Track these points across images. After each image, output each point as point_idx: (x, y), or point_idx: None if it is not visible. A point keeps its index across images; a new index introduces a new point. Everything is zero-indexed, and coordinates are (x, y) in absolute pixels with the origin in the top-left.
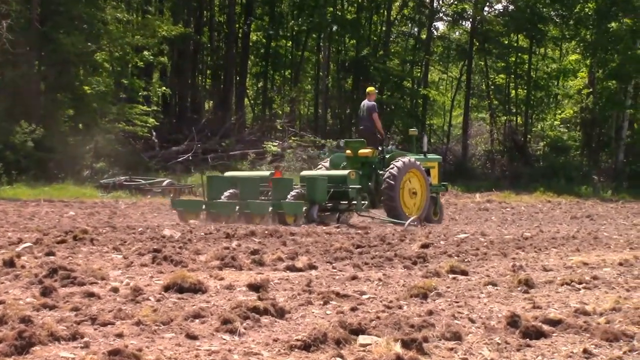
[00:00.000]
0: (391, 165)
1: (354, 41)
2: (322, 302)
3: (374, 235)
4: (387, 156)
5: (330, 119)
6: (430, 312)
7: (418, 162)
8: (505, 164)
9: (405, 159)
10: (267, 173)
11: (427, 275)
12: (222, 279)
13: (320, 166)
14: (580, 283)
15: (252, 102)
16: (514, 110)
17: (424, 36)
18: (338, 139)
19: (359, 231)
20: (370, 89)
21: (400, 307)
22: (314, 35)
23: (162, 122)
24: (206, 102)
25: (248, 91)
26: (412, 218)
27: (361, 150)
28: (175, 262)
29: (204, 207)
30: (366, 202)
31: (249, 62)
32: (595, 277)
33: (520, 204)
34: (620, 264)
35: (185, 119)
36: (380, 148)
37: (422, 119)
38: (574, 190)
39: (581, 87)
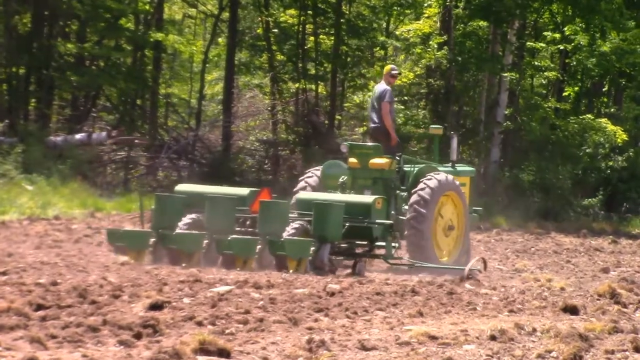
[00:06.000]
0: (420, 185)
1: None
2: None
3: (67, 288)
4: (412, 169)
5: None
6: None
7: (456, 182)
8: (298, 164)
9: (442, 176)
10: (245, 191)
11: (158, 357)
12: None
13: (310, 175)
14: None
15: None
16: (313, 73)
17: None
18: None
19: (41, 280)
20: (388, 67)
21: None
22: None
23: None
24: None
25: None
26: (473, 261)
27: (374, 161)
28: None
29: (152, 241)
30: (397, 245)
31: None
32: None
33: None
34: (493, 338)
35: None
36: (398, 157)
37: (154, 86)
38: None
39: (429, 33)
